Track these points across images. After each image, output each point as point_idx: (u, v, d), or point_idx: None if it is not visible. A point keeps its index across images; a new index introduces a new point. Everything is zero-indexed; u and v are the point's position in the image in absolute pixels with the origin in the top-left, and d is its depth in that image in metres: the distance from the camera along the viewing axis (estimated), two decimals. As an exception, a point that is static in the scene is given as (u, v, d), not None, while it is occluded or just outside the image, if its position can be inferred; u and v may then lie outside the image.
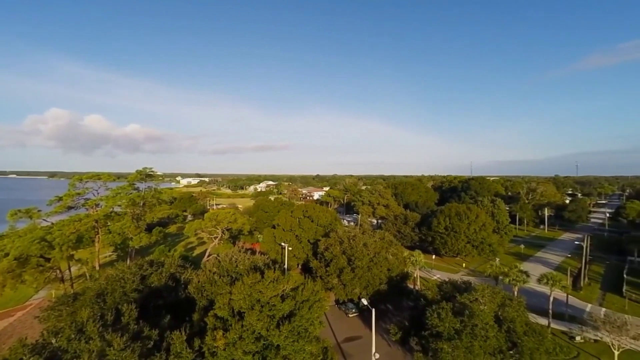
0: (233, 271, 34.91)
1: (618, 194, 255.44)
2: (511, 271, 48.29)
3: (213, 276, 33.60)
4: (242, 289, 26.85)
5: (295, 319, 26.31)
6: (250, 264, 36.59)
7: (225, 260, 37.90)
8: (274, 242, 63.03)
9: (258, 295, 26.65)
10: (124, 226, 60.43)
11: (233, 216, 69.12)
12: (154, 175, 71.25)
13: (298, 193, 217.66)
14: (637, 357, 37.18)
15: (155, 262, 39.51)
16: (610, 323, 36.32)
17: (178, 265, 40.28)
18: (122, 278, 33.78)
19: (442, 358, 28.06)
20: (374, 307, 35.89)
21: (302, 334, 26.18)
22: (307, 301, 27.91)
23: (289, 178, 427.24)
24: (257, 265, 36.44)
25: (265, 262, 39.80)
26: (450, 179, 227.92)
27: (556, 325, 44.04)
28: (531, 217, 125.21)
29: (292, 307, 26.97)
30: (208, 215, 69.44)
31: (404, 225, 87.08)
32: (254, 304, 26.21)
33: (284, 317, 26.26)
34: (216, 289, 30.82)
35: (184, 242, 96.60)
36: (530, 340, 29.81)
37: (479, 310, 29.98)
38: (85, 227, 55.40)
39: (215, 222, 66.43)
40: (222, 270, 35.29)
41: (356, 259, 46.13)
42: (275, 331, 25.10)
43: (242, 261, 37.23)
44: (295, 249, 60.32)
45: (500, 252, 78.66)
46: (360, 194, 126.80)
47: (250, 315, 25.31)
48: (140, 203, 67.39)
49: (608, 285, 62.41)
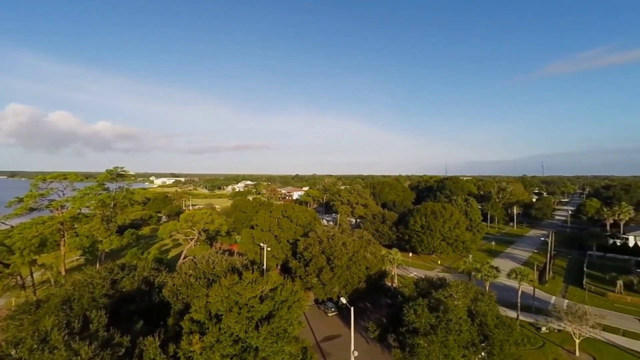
0: (210, 273, 34.13)
1: (579, 192, 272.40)
2: (483, 267, 50.41)
3: (189, 279, 32.70)
4: (220, 291, 26.30)
5: (274, 320, 26.09)
6: (227, 266, 35.92)
7: (202, 262, 36.96)
8: (252, 242, 62.21)
9: (236, 297, 26.20)
10: (92, 228, 57.50)
11: (210, 217, 67.51)
12: (126, 175, 68.22)
13: (277, 193, 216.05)
14: (596, 344, 39.89)
15: (127, 266, 37.89)
16: (571, 314, 38.77)
17: (152, 269, 38.86)
18: (91, 283, 32.15)
19: (419, 353, 28.82)
20: (352, 306, 36.26)
21: (281, 335, 26.01)
22: (286, 301, 27.76)
23: (268, 178, 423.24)
24: (235, 267, 35.84)
25: (244, 263, 39.23)
26: (427, 179, 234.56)
27: (524, 318, 46.40)
28: (501, 215, 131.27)
29: (271, 308, 26.73)
30: (184, 216, 67.44)
31: (382, 224, 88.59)
32: (232, 306, 25.74)
33: (263, 319, 25.97)
34: (192, 292, 30.02)
35: (158, 244, 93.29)
36: (501, 333, 31.23)
37: (453, 306, 31.05)
38: (49, 230, 52.18)
39: (191, 223, 64.61)
40: (198, 272, 34.41)
41: (335, 258, 46.42)
42: (254, 333, 24.78)
43: (220, 263, 36.46)
44: (274, 249, 59.84)
45: (473, 249, 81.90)
46: (339, 193, 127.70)
47: (228, 318, 24.84)
48: (110, 204, 64.36)
49: (570, 279, 66.56)
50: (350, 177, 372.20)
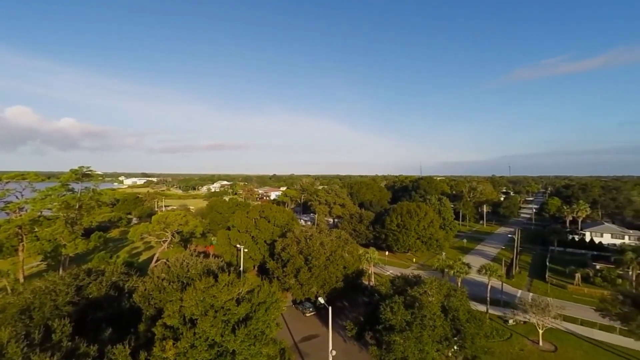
0: (184, 276, 33.07)
1: (542, 191, 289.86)
2: (455, 264, 52.43)
3: (162, 282, 31.50)
4: (194, 295, 25.55)
5: (252, 322, 25.72)
6: (203, 268, 34.96)
7: (176, 265, 35.73)
8: (228, 244, 60.98)
9: (212, 300, 25.56)
10: (55, 232, 54.03)
11: (184, 218, 65.44)
12: (93, 175, 64.60)
13: (254, 193, 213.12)
14: (557, 334, 42.56)
15: (94, 271, 35.95)
16: (535, 306, 41.15)
17: (121, 273, 37.13)
18: (54, 290, 30.17)
19: (395, 350, 29.46)
20: (330, 305, 36.45)
21: (259, 337, 25.69)
22: (263, 303, 27.44)
23: (245, 178, 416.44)
24: (210, 269, 34.96)
25: (220, 265, 38.33)
26: (402, 179, 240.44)
27: (493, 311, 48.67)
28: (472, 213, 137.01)
29: (248, 310, 26.33)
30: (156, 217, 64.91)
31: (359, 224, 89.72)
32: (208, 309, 25.09)
33: (240, 321, 25.52)
34: (165, 296, 28.95)
35: (129, 248, 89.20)
36: (472, 327, 32.59)
37: (428, 302, 32.01)
38: (5, 235, 48.53)
39: (164, 224, 62.30)
40: (171, 275, 33.24)
41: (313, 258, 46.47)
42: (230, 336, 24.29)
43: (194, 265, 35.42)
44: (252, 250, 59.00)
45: (446, 246, 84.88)
46: (317, 193, 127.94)
47: (203, 322, 24.19)
48: (75, 206, 60.71)
49: (534, 273, 70.64)
50: (328, 177, 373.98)
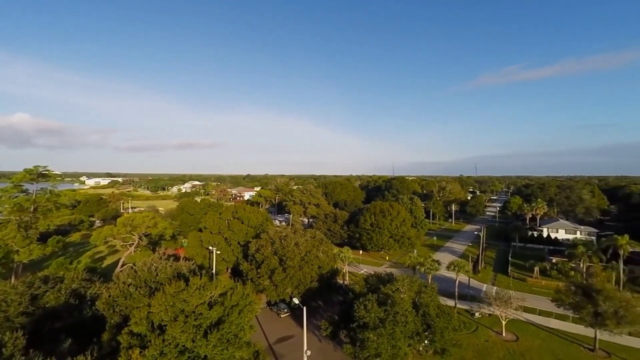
0: (152, 281, 31.72)
1: (505, 191, 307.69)
2: (426, 261, 54.38)
3: (128, 288, 30.02)
4: (163, 300, 24.58)
5: (224, 325, 25.16)
6: (173, 272, 33.72)
7: (143, 269, 34.16)
8: (200, 246, 59.21)
9: (182, 304, 24.72)
10: (6, 237, 49.86)
11: (152, 220, 62.70)
12: (50, 175, 60.14)
13: (227, 193, 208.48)
14: (518, 324, 45.31)
15: (51, 278, 33.60)
16: (499, 299, 43.56)
17: (82, 279, 35.01)
18: (4, 300, 27.87)
19: (368, 347, 30.01)
20: (305, 305, 36.46)
21: (232, 341, 25.18)
22: (236, 306, 26.93)
23: (218, 178, 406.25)
24: (181, 273, 33.80)
25: (191, 268, 37.19)
26: (376, 179, 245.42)
27: (461, 305, 50.93)
28: (442, 212, 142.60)
29: (221, 314, 25.73)
30: (121, 220, 61.66)
31: (333, 224, 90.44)
32: (178, 314, 24.24)
33: (212, 325, 24.89)
34: (132, 303, 27.63)
35: (91, 252, 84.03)
36: (441, 321, 33.93)
37: (400, 299, 32.94)
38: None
39: (130, 227, 59.34)
40: (139, 281, 31.76)
41: (288, 258, 46.25)
42: (202, 341, 23.62)
43: (164, 269, 34.07)
44: (224, 252, 57.68)
45: (417, 244, 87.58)
46: (291, 193, 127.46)
47: (173, 328, 23.34)
48: (30, 208, 56.28)
49: (498, 268, 74.76)
50: (302, 177, 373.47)
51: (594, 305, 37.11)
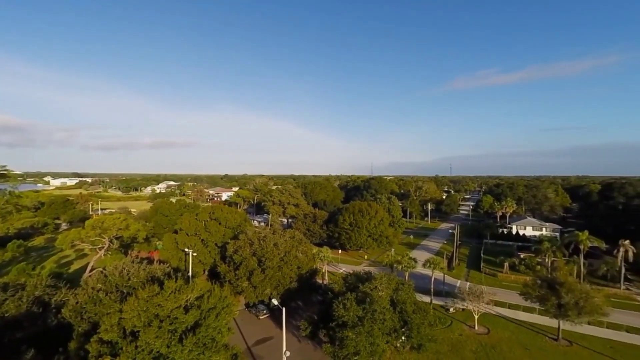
0: (124, 286, 30.48)
1: (478, 190, 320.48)
2: (403, 259, 55.67)
3: (97, 294, 28.68)
4: (136, 305, 23.68)
5: (201, 329, 24.61)
6: (146, 275, 32.57)
7: (114, 273, 32.73)
8: (175, 248, 57.47)
9: (156, 309, 23.92)
10: (-41, 242, 46.01)
11: (124, 222, 60.18)
12: (9, 175, 56.42)
13: (204, 194, 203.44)
14: (490, 318, 47.35)
15: (11, 285, 31.47)
16: (472, 294, 45.34)
17: (47, 286, 33.06)
18: (-43, 311, 25.79)
19: (347, 345, 30.32)
20: (284, 306, 36.31)
21: (209, 345, 24.66)
22: (214, 309, 26.41)
23: (194, 178, 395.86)
24: (155, 276, 32.73)
25: (166, 271, 36.05)
26: (355, 179, 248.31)
27: (436, 301, 52.54)
28: (418, 211, 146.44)
29: (197, 318, 25.14)
30: (90, 222, 58.71)
31: (313, 224, 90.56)
32: (152, 319, 23.43)
33: (188, 330, 24.27)
34: (101, 309, 26.41)
35: (57, 257, 79.30)
36: (418, 317, 34.86)
37: (378, 297, 33.52)
38: None
39: (100, 229, 56.65)
40: (109, 286, 30.41)
41: (267, 259, 45.87)
42: (177, 346, 22.97)
43: (136, 273, 32.81)
44: (201, 254, 56.34)
45: (395, 243, 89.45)
46: (270, 193, 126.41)
47: (147, 333, 22.54)
48: (-14, 211, 52.41)
49: (471, 264, 77.76)
50: (282, 177, 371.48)
51: (557, 297, 39.47)
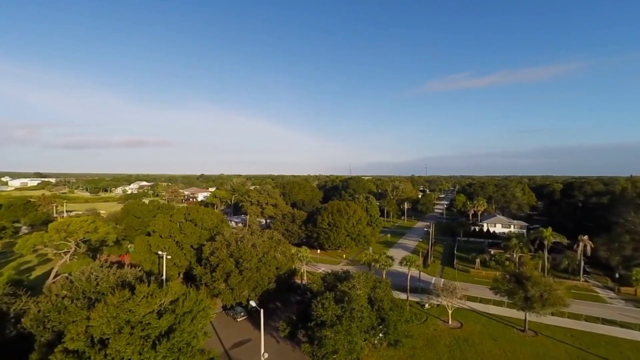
0: (92, 291, 29.00)
1: (451, 189, 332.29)
2: (380, 257, 56.66)
3: (62, 301, 27.10)
4: (105, 311, 22.61)
5: (176, 334, 23.87)
6: (116, 280, 31.16)
7: (81, 279, 31.05)
8: (148, 251, 55.39)
9: (127, 315, 22.94)
10: None
11: (92, 225, 57.17)
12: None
13: (179, 194, 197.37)
14: (463, 312, 49.18)
15: (-37, 295, 29.06)
16: (446, 290, 46.90)
17: (4, 294, 30.84)
18: None
19: (326, 344, 30.47)
20: (263, 307, 35.92)
21: (184, 350, 23.97)
22: (189, 312, 25.70)
23: (169, 178, 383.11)
24: (126, 281, 31.38)
25: (138, 275, 34.71)
26: (333, 179, 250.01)
27: (412, 298, 53.89)
28: (395, 210, 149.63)
29: (172, 322, 24.37)
30: (54, 225, 55.31)
31: (291, 224, 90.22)
32: (122, 326, 22.45)
33: (162, 335, 23.47)
34: (67, 317, 25.00)
35: (16, 263, 74.09)
36: (394, 314, 35.62)
37: (356, 295, 33.91)
38: None
39: (65, 233, 53.50)
40: (75, 292, 28.83)
41: (244, 260, 45.20)
42: (150, 353, 22.14)
43: (105, 278, 31.32)
44: (176, 256, 54.63)
45: (372, 241, 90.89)
46: (248, 194, 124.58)
47: (117, 341, 21.57)
48: None
49: (446, 261, 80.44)
50: (260, 177, 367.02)
51: (524, 290, 41.65)
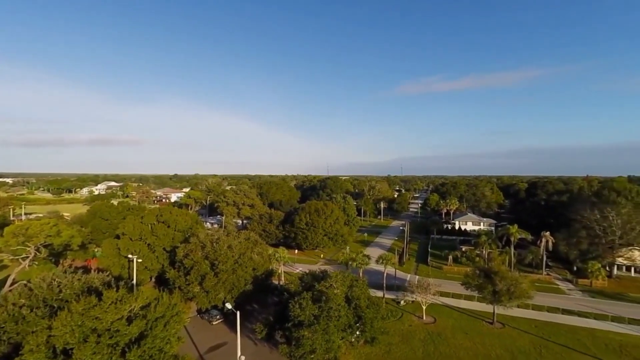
0: (54, 299, 27.27)
1: (426, 189, 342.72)
2: (357, 256, 57.44)
3: (20, 310, 25.27)
4: (69, 320, 21.34)
5: (147, 340, 22.96)
6: (82, 286, 29.50)
7: (41, 286, 29.07)
8: (117, 255, 52.87)
9: (93, 322, 21.78)
10: None
11: (54, 228, 53.70)
12: None
13: (151, 195, 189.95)
14: (436, 307, 50.82)
15: None
16: (420, 286, 48.30)
17: (-47, 305, 28.16)
18: None
19: (304, 344, 30.45)
20: (239, 309, 35.34)
21: (156, 356, 23.12)
22: (162, 318, 24.80)
23: (139, 178, 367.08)
24: (92, 286, 29.79)
25: (105, 280, 33.01)
26: (311, 179, 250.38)
27: (388, 295, 55.03)
28: (372, 209, 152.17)
29: (142, 328, 23.41)
30: (10, 229, 51.48)
31: (269, 224, 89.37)
32: (88, 334, 21.29)
33: (132, 342, 22.48)
34: (25, 327, 23.38)
35: (-34, 270, 68.16)
36: (371, 312, 36.21)
37: (334, 295, 34.15)
38: None
39: (23, 237, 49.92)
40: (35, 300, 26.97)
41: (220, 262, 44.25)
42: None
43: (69, 284, 29.54)
44: (147, 259, 52.53)
45: (350, 241, 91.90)
46: (224, 194, 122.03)
47: (82, 350, 20.43)
48: None
49: (420, 258, 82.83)
50: (236, 177, 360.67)
51: (492, 285, 43.72)
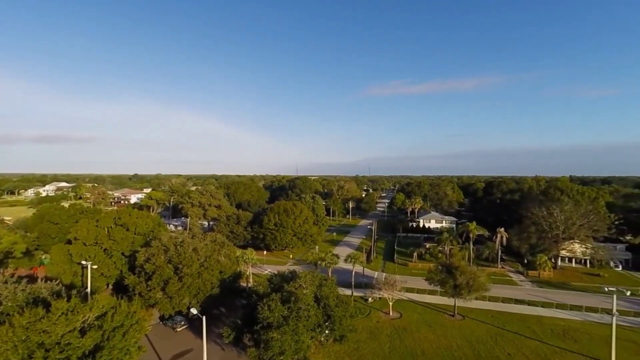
0: (-7, 312, 24.62)
1: (392, 188, 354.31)
2: (327, 256, 57.99)
3: (-50, 327, 22.50)
4: (11, 335, 19.39)
5: (103, 352, 21.50)
6: (26, 297, 26.94)
7: (-22, 299, 26.16)
8: (69, 261, 48.95)
9: (40, 336, 19.97)
10: None
11: (-7, 234, 48.56)
12: None
13: (107, 197, 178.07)
14: (402, 303, 52.65)
15: None
16: (387, 283, 49.79)
17: None
18: None
19: (273, 346, 30.13)
20: (205, 314, 34.18)
21: (114, 369, 21.70)
22: (120, 327, 23.34)
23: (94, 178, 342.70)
24: (39, 297, 27.31)
25: (54, 289, 30.48)
26: (280, 179, 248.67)
27: (357, 293, 56.07)
28: (340, 209, 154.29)
29: (99, 340, 21.88)
30: (-61, 236, 45.72)
31: (236, 225, 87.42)
32: (34, 350, 19.48)
33: (86, 355, 20.93)
34: (-43, 346, 20.83)
35: None
36: (340, 310, 36.70)
37: (303, 295, 34.16)
38: None
39: (-45, 245, 44.57)
40: (-30, 315, 24.18)
41: (184, 266, 42.53)
42: (70, 377, 19.59)
43: (11, 295, 26.86)
44: (104, 266, 49.14)
45: (319, 240, 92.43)
46: (189, 195, 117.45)
47: (27, 367, 18.65)
48: None
49: (387, 256, 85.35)
50: (202, 177, 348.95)
51: (453, 279, 46.20)
